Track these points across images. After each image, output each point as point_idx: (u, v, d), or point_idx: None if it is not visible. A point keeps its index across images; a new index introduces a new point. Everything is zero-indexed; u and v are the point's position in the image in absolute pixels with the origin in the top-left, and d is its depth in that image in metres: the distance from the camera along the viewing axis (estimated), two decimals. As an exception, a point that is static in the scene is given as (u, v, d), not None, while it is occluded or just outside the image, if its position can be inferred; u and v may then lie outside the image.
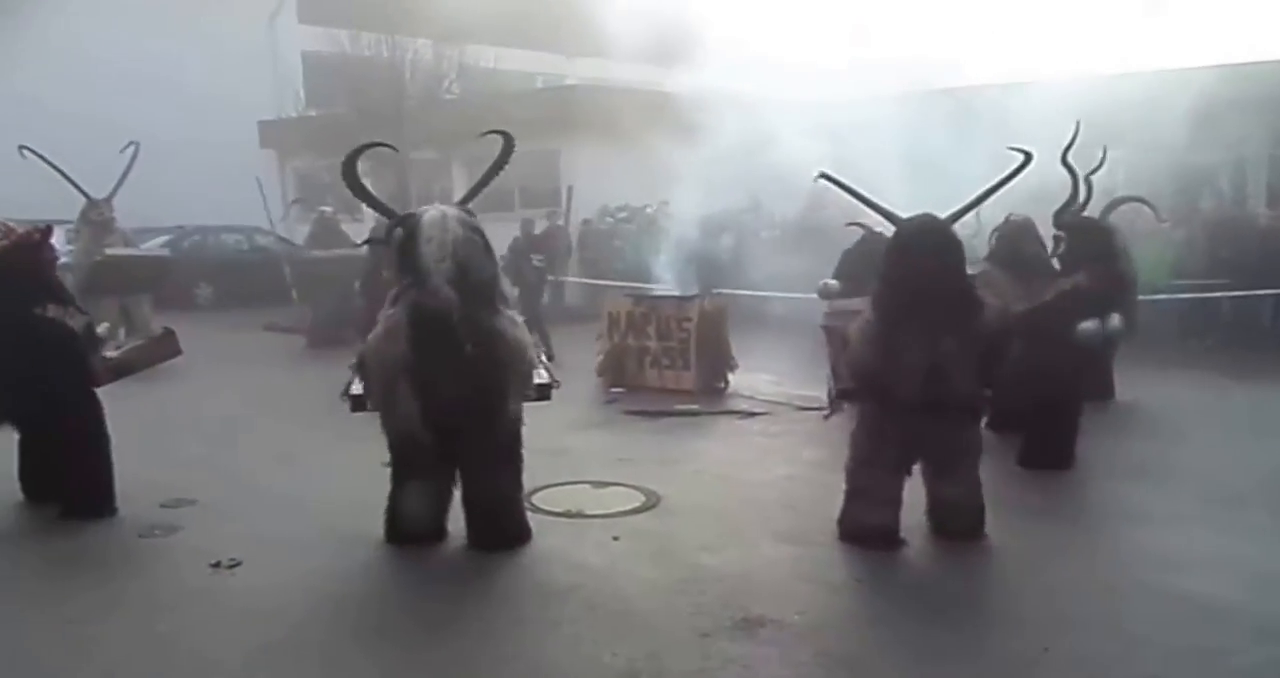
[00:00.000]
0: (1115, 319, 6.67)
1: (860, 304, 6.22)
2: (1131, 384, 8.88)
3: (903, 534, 5.24)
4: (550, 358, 6.26)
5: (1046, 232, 7.47)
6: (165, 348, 6.64)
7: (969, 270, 5.34)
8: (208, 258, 18.29)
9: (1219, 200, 13.00)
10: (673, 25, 11.23)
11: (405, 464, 5.29)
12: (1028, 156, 5.39)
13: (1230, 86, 10.70)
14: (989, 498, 5.37)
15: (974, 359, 5.03)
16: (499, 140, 5.48)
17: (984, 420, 5.71)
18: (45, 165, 11.13)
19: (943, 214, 5.27)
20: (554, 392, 5.61)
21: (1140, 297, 8.79)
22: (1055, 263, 7.15)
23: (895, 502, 5.21)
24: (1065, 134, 7.04)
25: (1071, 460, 6.69)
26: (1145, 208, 9.43)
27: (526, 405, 5.36)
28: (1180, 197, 11.62)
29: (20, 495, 6.10)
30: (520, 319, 5.35)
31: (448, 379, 4.97)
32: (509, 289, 5.59)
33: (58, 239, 7.08)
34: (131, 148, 11.37)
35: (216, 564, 5.05)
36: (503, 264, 6.07)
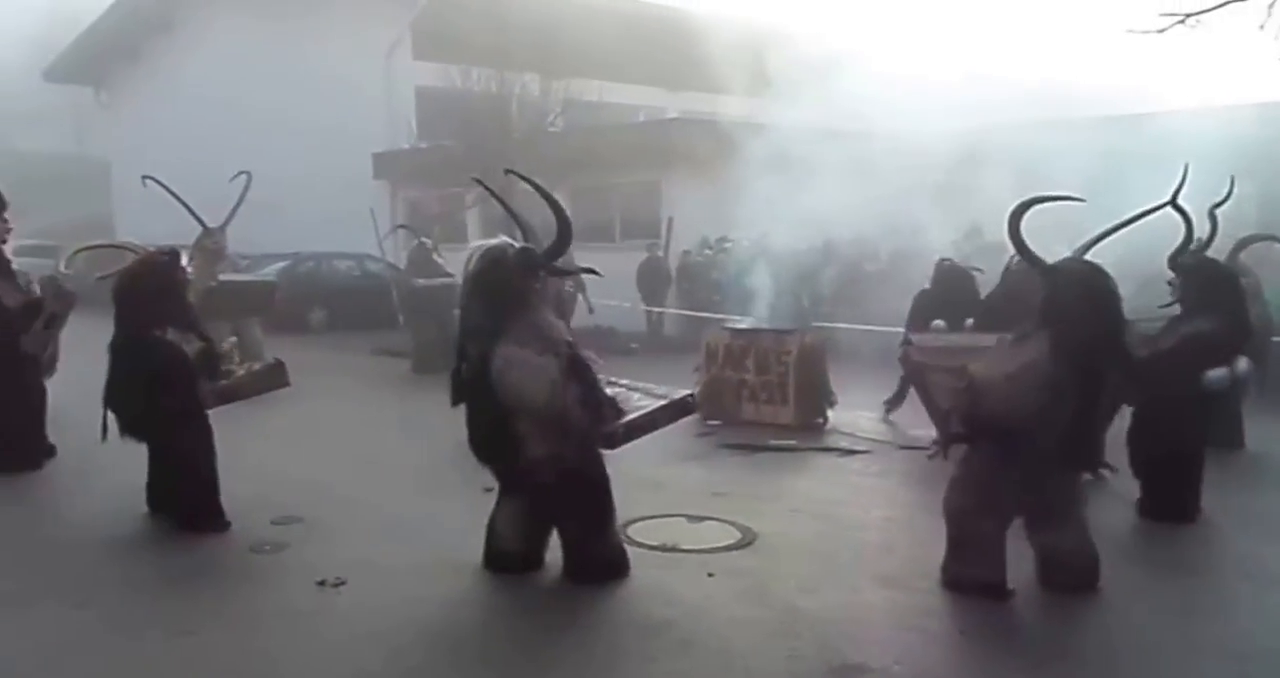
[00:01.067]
0: (1243, 364, 6.32)
1: (954, 342, 6.04)
2: (1263, 433, 8.33)
3: (1010, 584, 5.00)
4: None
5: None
6: (274, 378, 6.78)
7: None
8: (321, 284, 18.82)
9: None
10: (773, 57, 11.20)
11: (503, 491, 5.34)
12: (1167, 204, 5.22)
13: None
14: (1106, 549, 5.10)
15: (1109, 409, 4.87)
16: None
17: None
18: (167, 196, 11.54)
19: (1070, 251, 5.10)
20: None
21: (1275, 339, 8.33)
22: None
23: (1000, 551, 4.97)
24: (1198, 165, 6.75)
25: (1196, 513, 6.29)
26: (1278, 246, 8.97)
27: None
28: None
29: (144, 508, 6.29)
30: (543, 358, 4.97)
31: (481, 414, 5.11)
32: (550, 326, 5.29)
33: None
34: (243, 177, 11.73)
35: (322, 583, 5.11)
36: None
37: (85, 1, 27.41)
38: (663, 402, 5.40)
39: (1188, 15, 4.34)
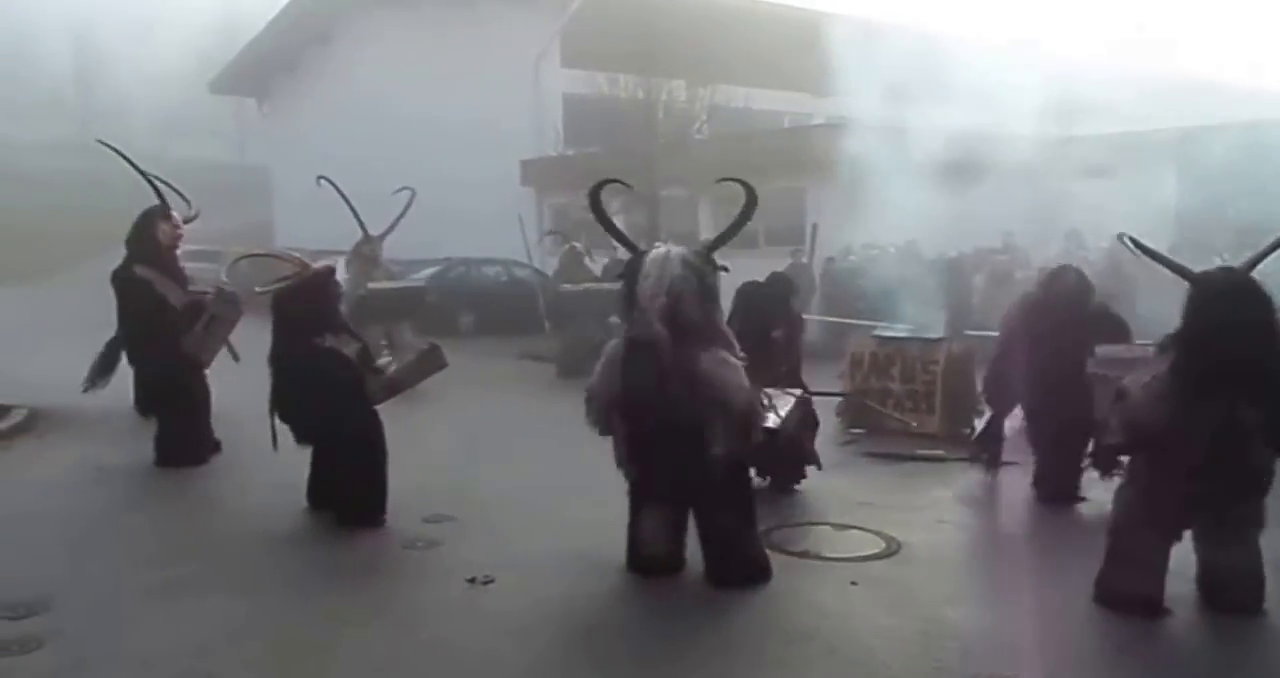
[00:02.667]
0: None
1: (1130, 352, 5.87)
2: None
3: (1168, 602, 4.87)
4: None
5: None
6: (432, 362, 6.96)
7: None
8: (470, 288, 19.30)
9: None
10: (919, 62, 11.06)
11: (638, 494, 5.43)
12: None
13: None
14: (1274, 569, 4.90)
15: (1273, 427, 4.65)
16: (752, 179, 5.57)
17: None
18: (329, 202, 12.12)
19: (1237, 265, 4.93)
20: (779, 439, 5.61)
21: None
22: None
23: (1161, 568, 4.85)
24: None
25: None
26: None
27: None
28: None
29: (304, 504, 6.62)
30: (739, 361, 5.26)
31: (653, 414, 5.07)
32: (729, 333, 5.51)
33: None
34: (407, 193, 12.22)
35: (472, 580, 5.30)
36: None
37: (249, 16, 29.10)
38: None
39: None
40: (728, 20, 18.91)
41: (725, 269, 5.51)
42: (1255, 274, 4.90)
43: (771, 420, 5.71)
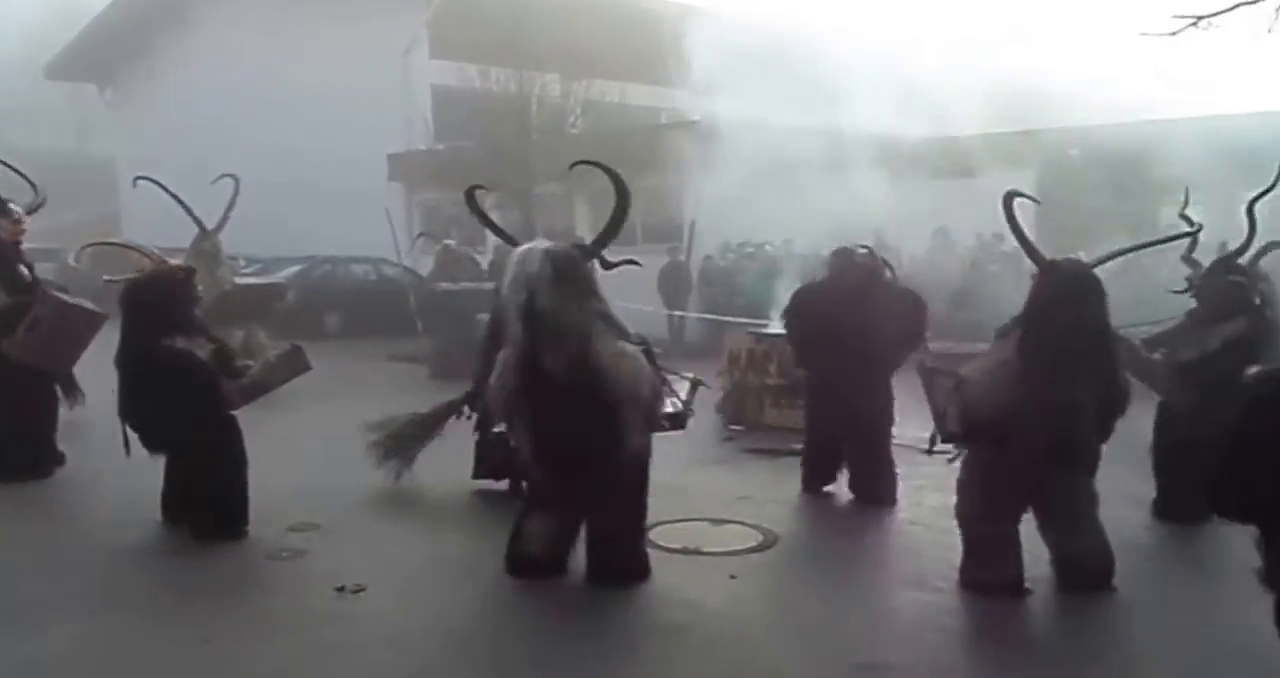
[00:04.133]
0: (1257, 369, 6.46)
1: (961, 348, 6.21)
2: None
3: (1029, 583, 5.17)
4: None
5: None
6: (294, 365, 6.78)
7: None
8: (336, 287, 18.95)
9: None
10: (794, 60, 11.36)
11: (533, 496, 5.48)
12: (1197, 228, 5.36)
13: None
14: (1122, 548, 5.26)
15: (1102, 410, 5.00)
16: (629, 175, 5.65)
17: None
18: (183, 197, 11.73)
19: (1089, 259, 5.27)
20: (688, 420, 5.77)
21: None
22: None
23: (1015, 551, 5.17)
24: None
25: (1212, 514, 6.45)
26: None
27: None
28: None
29: (159, 516, 6.39)
30: (637, 348, 5.34)
31: (560, 411, 5.09)
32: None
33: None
34: (229, 181, 11.94)
35: (341, 588, 5.23)
36: None
37: (90, -4, 27.55)
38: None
39: (1199, 18, 4.47)
40: (602, 14, 18.99)
41: (637, 263, 5.59)
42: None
43: (671, 405, 5.80)
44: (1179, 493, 6.46)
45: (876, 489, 7.03)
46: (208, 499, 6.11)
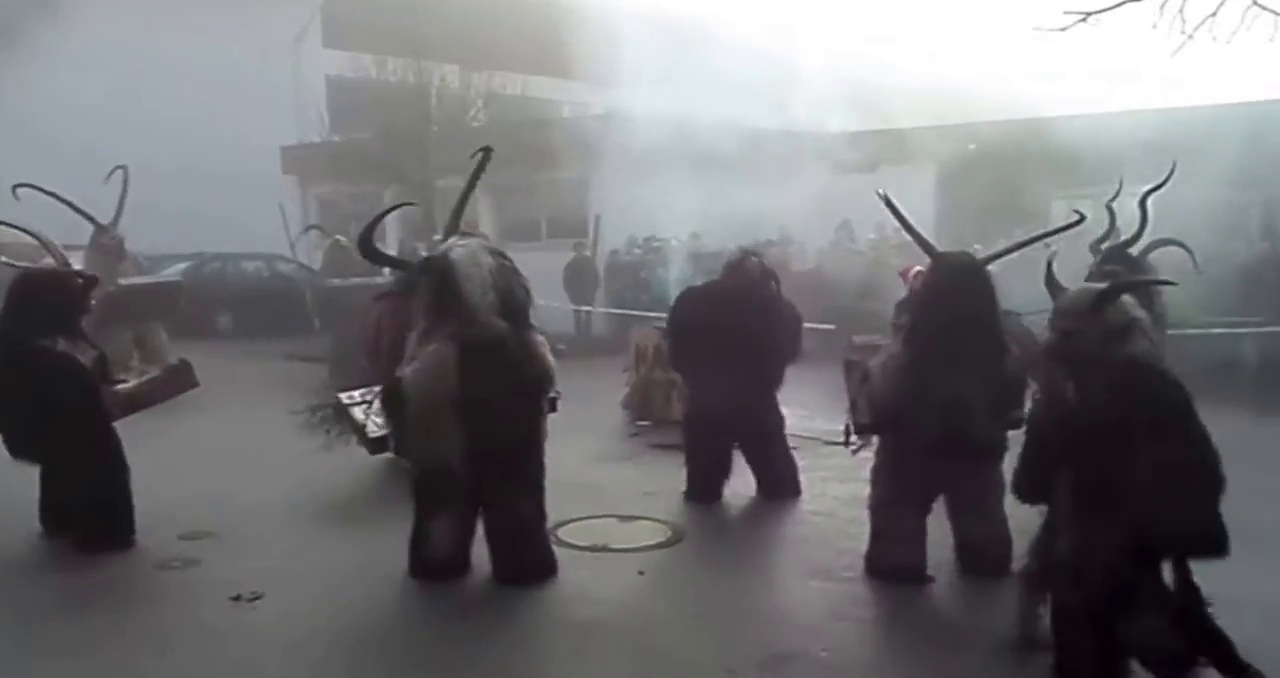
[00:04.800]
0: None
1: (883, 339, 6.34)
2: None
3: (931, 570, 5.32)
4: None
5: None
6: (180, 380, 6.62)
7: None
8: (228, 285, 18.56)
9: (1248, 239, 13.13)
10: (696, 55, 11.46)
11: (432, 498, 5.39)
12: (1081, 218, 5.57)
13: (1259, 125, 10.84)
14: (1018, 532, 5.43)
15: (995, 400, 5.11)
16: (524, 168, 5.64)
17: None
18: (62, 192, 11.30)
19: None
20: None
21: (1170, 333, 8.83)
22: None
23: (920, 538, 5.31)
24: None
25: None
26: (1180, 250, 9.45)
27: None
28: (1209, 234, 11.74)
29: (38, 527, 6.17)
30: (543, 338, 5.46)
31: (498, 409, 5.09)
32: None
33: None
34: (120, 172, 11.58)
35: (237, 598, 5.13)
36: None
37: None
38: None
39: (1088, 14, 4.65)
40: (503, 4, 18.90)
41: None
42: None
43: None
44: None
45: (780, 490, 7.12)
46: (88, 509, 5.90)
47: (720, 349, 6.84)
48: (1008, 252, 5.62)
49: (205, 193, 19.26)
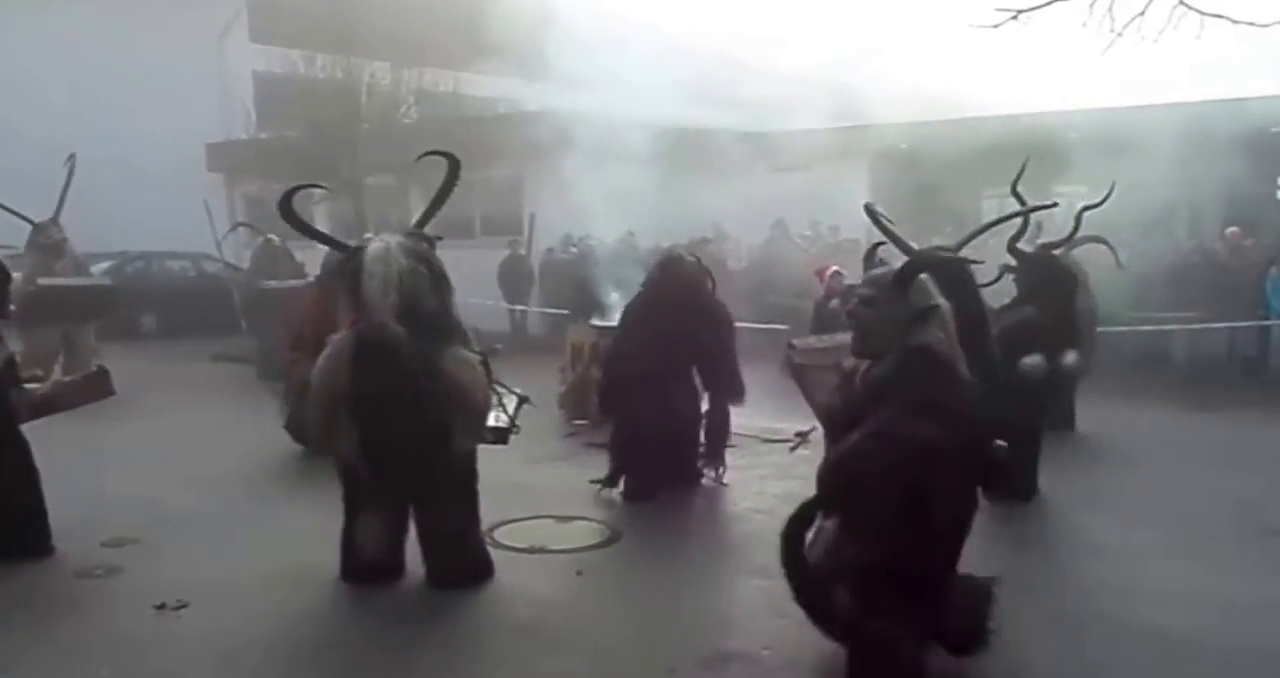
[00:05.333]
0: (1071, 356, 6.87)
1: (822, 342, 6.36)
2: (1093, 416, 9.13)
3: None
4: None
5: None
6: (96, 388, 6.47)
7: None
8: (152, 285, 18.19)
9: (1174, 238, 13.48)
10: (632, 52, 11.43)
11: (354, 497, 5.32)
12: (1044, 205, 5.61)
13: (1187, 124, 11.11)
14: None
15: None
16: (466, 167, 5.58)
17: None
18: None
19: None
20: (511, 437, 5.73)
21: (1100, 330, 9.03)
22: None
23: None
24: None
25: (1034, 492, 6.87)
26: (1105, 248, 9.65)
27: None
28: (1136, 232, 12.02)
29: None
30: (477, 358, 5.31)
31: (388, 413, 4.99)
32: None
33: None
34: (70, 161, 11.25)
35: (162, 606, 5.02)
36: None
37: None
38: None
39: (1018, 12, 4.72)
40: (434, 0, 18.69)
41: (438, 239, 5.44)
42: None
43: (495, 419, 5.72)
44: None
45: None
46: None
47: (651, 349, 6.82)
48: (972, 238, 5.67)
49: (129, 190, 18.85)
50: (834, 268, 10.63)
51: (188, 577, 5.39)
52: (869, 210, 5.47)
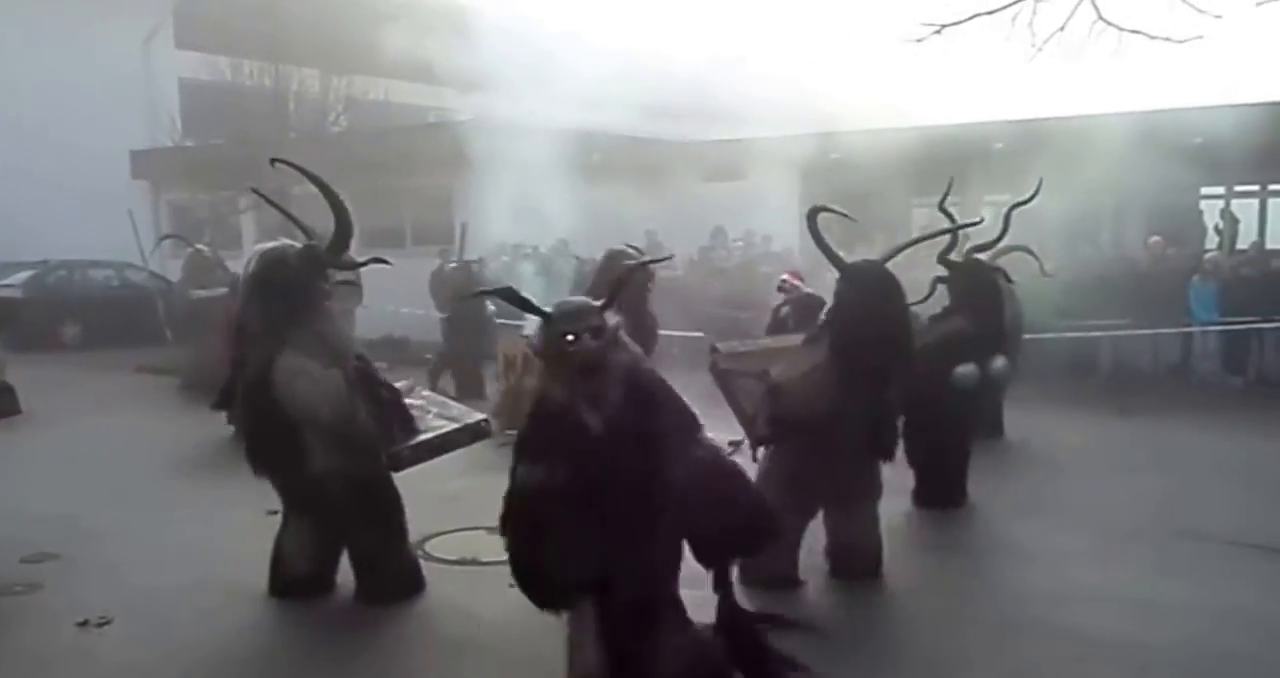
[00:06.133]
0: (999, 362, 7.01)
1: (745, 345, 6.39)
2: (1020, 423, 9.31)
3: (802, 575, 5.42)
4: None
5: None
6: None
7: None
8: (74, 295, 17.82)
9: (1097, 245, 13.78)
10: (563, 62, 11.45)
11: (288, 511, 5.30)
12: (970, 223, 5.72)
13: (1111, 135, 11.41)
14: (885, 537, 5.58)
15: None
16: (387, 174, 5.53)
17: None
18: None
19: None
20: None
21: (1026, 337, 9.20)
22: None
23: (795, 546, 5.38)
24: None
25: (963, 499, 7.00)
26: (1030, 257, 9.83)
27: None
28: (1061, 240, 12.29)
29: None
30: (329, 371, 5.03)
31: (275, 430, 5.01)
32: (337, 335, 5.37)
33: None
34: None
35: (84, 623, 4.93)
36: None
37: None
38: (455, 425, 5.47)
39: (942, 26, 4.83)
40: (364, 7, 18.53)
41: (386, 262, 5.38)
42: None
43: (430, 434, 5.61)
44: (930, 481, 6.95)
45: None
46: None
47: None
48: (898, 251, 5.75)
49: (50, 198, 18.43)
50: (787, 274, 10.68)
51: (110, 593, 5.30)
52: (810, 218, 5.52)
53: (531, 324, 9.35)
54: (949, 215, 7.24)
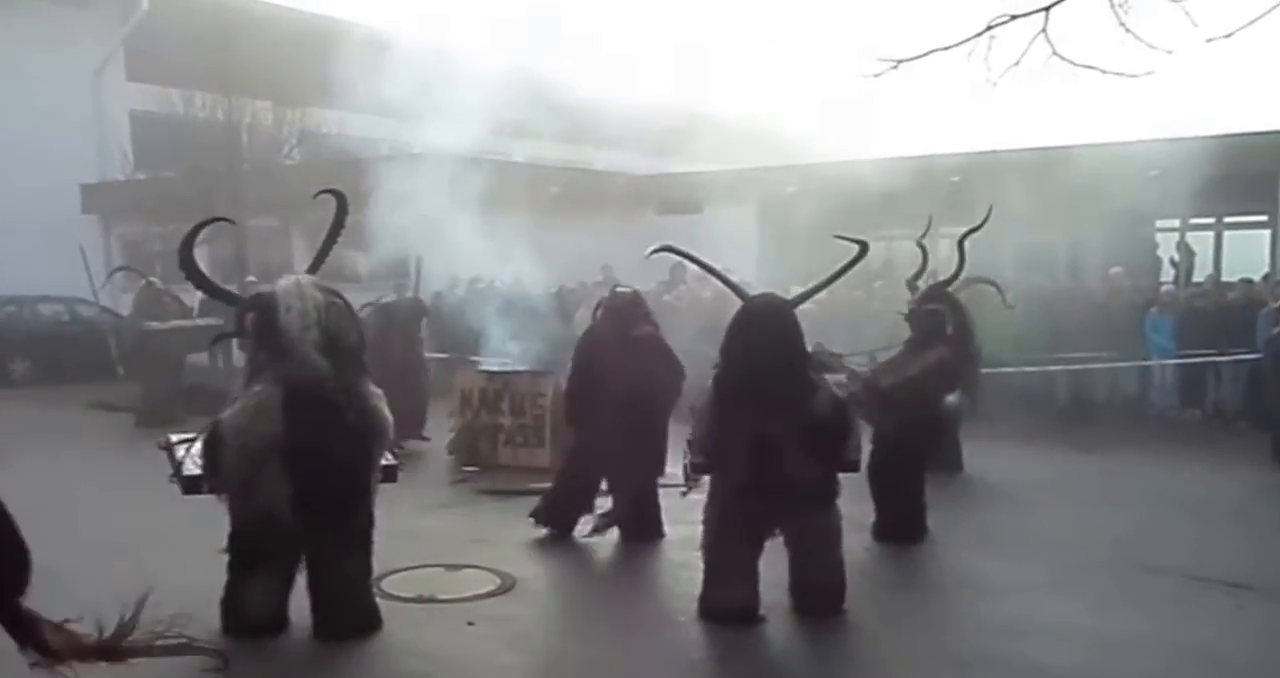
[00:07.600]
0: (953, 396, 7.12)
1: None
2: (979, 457, 9.35)
3: (764, 611, 5.38)
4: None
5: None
6: None
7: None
8: (24, 330, 17.57)
9: (1053, 278, 13.93)
10: (519, 96, 11.52)
11: (251, 551, 5.16)
12: (864, 248, 5.78)
13: (1068, 167, 11.64)
14: (848, 570, 5.59)
15: (810, 440, 5.18)
16: (351, 208, 5.54)
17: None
18: None
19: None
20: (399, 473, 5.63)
21: (984, 371, 9.31)
22: None
23: (751, 578, 5.35)
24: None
25: (923, 533, 7.02)
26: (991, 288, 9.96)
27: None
28: (1017, 273, 12.46)
29: None
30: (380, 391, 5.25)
31: (325, 456, 4.90)
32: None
33: None
34: None
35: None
36: None
37: None
38: None
39: (899, 62, 4.92)
40: (317, 39, 18.52)
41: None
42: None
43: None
44: (890, 515, 6.98)
45: (645, 534, 7.06)
46: None
47: (609, 394, 6.78)
48: (814, 291, 5.82)
49: (-1, 233, 18.17)
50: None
51: (60, 633, 5.14)
52: (670, 248, 5.62)
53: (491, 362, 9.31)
54: (924, 251, 7.33)
